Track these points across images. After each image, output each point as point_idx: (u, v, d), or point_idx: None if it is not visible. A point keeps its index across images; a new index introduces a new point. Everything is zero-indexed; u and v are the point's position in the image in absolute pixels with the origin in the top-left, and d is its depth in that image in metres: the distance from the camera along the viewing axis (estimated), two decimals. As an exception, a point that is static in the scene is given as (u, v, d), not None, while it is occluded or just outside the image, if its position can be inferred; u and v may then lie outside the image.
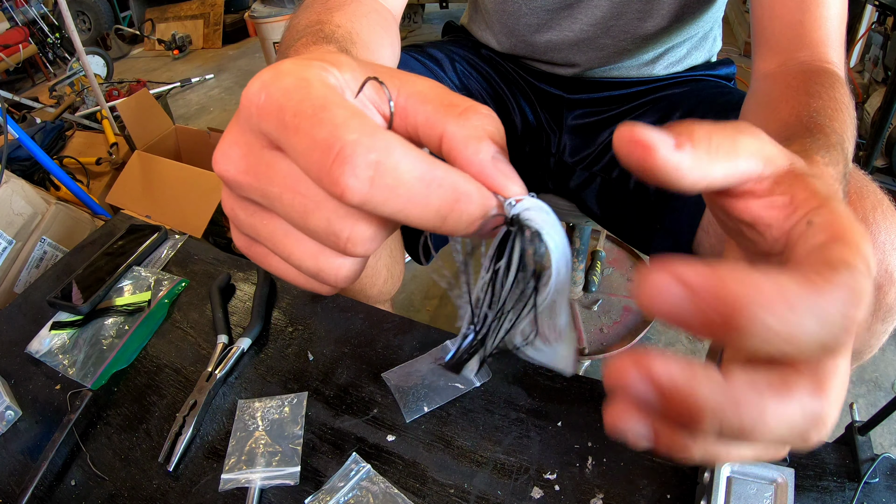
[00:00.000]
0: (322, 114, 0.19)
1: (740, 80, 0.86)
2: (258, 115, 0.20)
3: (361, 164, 0.18)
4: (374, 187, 0.18)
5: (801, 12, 0.49)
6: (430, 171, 0.19)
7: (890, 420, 0.51)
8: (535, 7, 0.71)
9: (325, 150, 0.18)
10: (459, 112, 0.22)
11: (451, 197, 0.20)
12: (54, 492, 0.52)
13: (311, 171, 0.19)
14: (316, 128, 0.19)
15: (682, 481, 0.49)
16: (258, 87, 0.21)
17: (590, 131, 0.80)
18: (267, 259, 0.25)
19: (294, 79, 0.20)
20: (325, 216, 0.20)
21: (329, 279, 0.23)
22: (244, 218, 0.23)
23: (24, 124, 1.98)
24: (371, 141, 0.18)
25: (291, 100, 0.20)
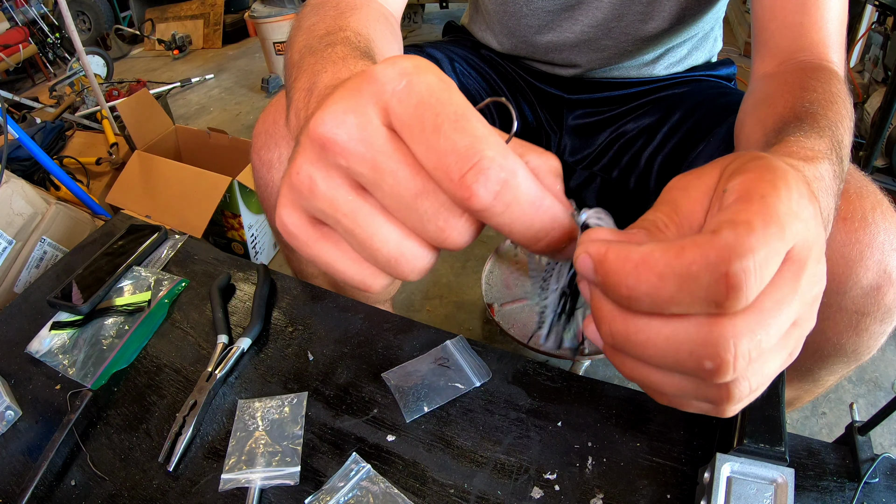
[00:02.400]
0: (464, 122, 0.21)
1: (740, 80, 0.86)
2: (394, 97, 0.21)
3: (493, 178, 0.20)
4: (496, 200, 0.21)
5: (801, 14, 0.49)
6: (541, 198, 0.22)
7: (890, 420, 0.51)
8: (535, 8, 0.71)
9: (463, 157, 0.20)
10: (539, 151, 0.25)
11: (549, 224, 0.23)
12: (54, 492, 0.52)
13: (438, 170, 0.21)
14: (458, 134, 0.20)
15: (682, 481, 0.49)
16: (398, 72, 0.21)
17: (590, 131, 0.80)
18: (317, 244, 0.25)
19: (437, 78, 0.22)
20: (437, 202, 0.22)
21: (404, 269, 0.24)
22: (324, 189, 0.23)
23: (24, 124, 1.97)
24: (504, 161, 0.21)
25: (436, 99, 0.21)
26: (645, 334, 0.21)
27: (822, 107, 0.38)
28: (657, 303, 0.20)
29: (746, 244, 0.18)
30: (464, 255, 1.56)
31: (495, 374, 0.59)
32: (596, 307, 0.22)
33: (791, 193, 0.20)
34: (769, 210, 0.19)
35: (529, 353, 1.14)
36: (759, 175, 0.21)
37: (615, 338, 0.22)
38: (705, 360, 0.20)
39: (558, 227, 0.23)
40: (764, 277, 0.19)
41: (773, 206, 0.19)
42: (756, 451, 0.44)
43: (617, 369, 0.24)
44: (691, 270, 0.19)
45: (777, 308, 0.20)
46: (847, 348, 0.53)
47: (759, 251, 0.18)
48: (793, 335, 0.22)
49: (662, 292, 0.19)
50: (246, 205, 1.46)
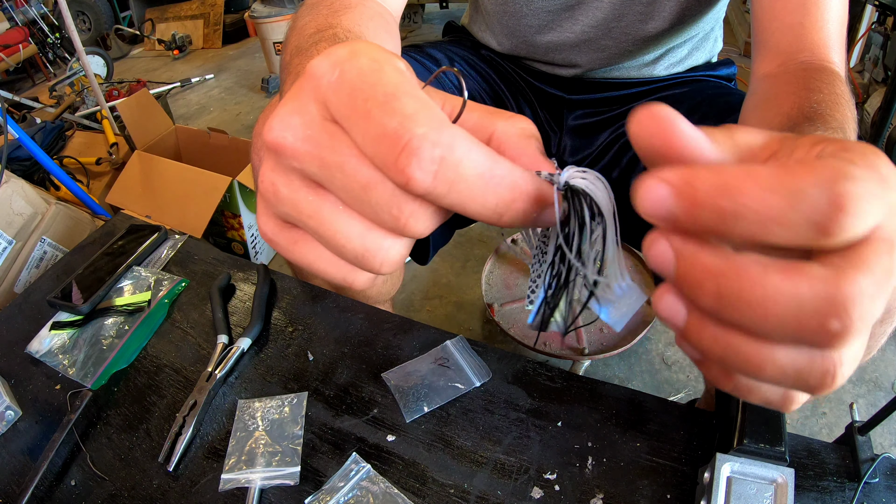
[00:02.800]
0: (393, 102, 0.20)
1: (741, 80, 0.86)
2: (328, 90, 0.21)
3: (427, 157, 0.19)
4: (437, 180, 0.19)
5: (801, 14, 0.49)
6: (490, 169, 0.20)
7: (890, 420, 0.51)
8: (536, 8, 0.71)
9: (393, 139, 0.19)
10: (507, 116, 0.24)
11: (508, 195, 0.21)
12: (54, 492, 0.52)
13: (376, 158, 0.20)
14: (386, 116, 0.19)
15: (682, 481, 0.49)
16: (331, 62, 0.21)
17: (590, 131, 0.80)
18: (297, 246, 0.24)
19: (368, 60, 0.21)
20: (388, 190, 0.21)
21: (374, 263, 0.23)
22: (286, 193, 0.23)
23: (24, 124, 1.98)
24: (437, 135, 0.19)
25: (364, 82, 0.20)
26: (764, 289, 0.18)
27: (829, 108, 0.38)
28: (764, 222, 0.17)
29: (854, 172, 0.17)
30: (464, 255, 1.56)
31: (495, 374, 0.59)
32: (694, 266, 0.19)
33: (887, 164, 0.19)
34: (871, 161, 0.18)
35: (529, 353, 1.14)
36: (855, 143, 0.19)
37: (724, 298, 0.18)
38: (832, 319, 0.17)
39: (520, 195, 0.21)
40: (867, 215, 0.17)
41: (874, 161, 0.18)
42: (756, 451, 0.44)
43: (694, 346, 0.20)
44: (800, 185, 0.17)
45: (885, 277, 0.18)
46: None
47: (866, 183, 0.17)
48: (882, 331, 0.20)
49: (771, 207, 0.17)
50: (246, 205, 1.46)
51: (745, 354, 0.19)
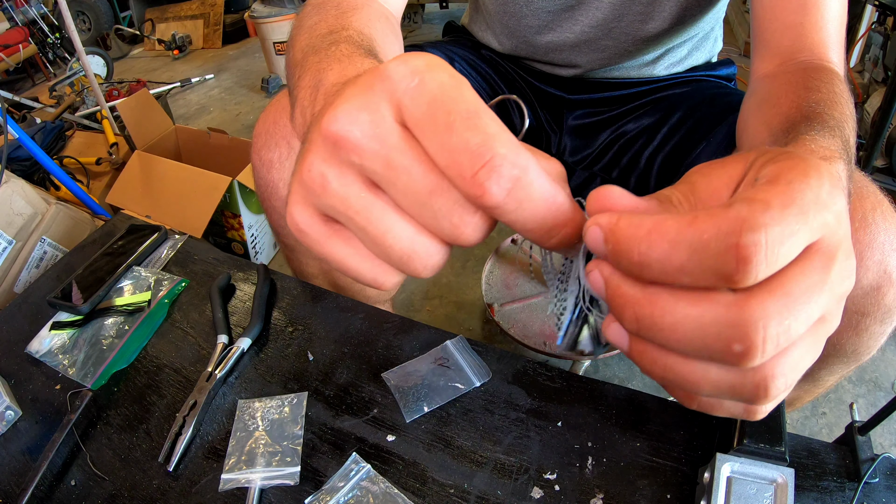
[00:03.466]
0: (476, 120, 0.21)
1: (740, 80, 0.86)
2: (406, 95, 0.21)
3: (506, 176, 0.21)
4: (509, 197, 0.21)
5: (801, 14, 0.49)
6: (553, 194, 0.22)
7: (890, 420, 0.51)
8: (536, 8, 0.71)
9: (476, 155, 0.20)
10: (542, 157, 0.25)
11: (561, 221, 0.23)
12: (54, 492, 0.52)
13: (451, 168, 0.21)
14: (470, 132, 0.20)
15: (682, 481, 0.49)
16: (409, 70, 0.21)
17: (590, 131, 0.80)
18: (328, 241, 0.25)
19: (449, 76, 0.22)
20: (451, 199, 0.22)
21: (417, 266, 0.23)
22: (337, 186, 0.23)
23: (24, 124, 1.97)
24: (516, 158, 0.21)
25: (447, 96, 0.21)
26: (672, 316, 0.20)
27: (828, 107, 0.38)
28: (668, 271, 0.19)
29: (760, 219, 0.18)
30: (464, 255, 1.56)
31: (495, 374, 0.59)
32: (616, 294, 0.22)
33: (822, 184, 0.20)
34: (792, 194, 0.19)
35: (529, 353, 1.14)
36: (791, 164, 0.20)
37: (640, 322, 0.21)
38: (734, 343, 0.19)
39: (570, 222, 0.23)
40: (777, 256, 0.18)
41: (797, 191, 0.19)
42: (756, 451, 0.44)
43: (642, 368, 0.23)
44: (702, 239, 0.18)
45: (806, 296, 0.19)
46: (847, 348, 0.53)
47: (773, 228, 0.18)
48: (820, 330, 0.21)
49: (674, 259, 0.19)
50: (246, 205, 1.46)
51: (680, 373, 0.22)
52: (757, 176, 0.21)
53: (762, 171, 0.21)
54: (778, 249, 0.18)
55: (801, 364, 0.21)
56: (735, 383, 0.21)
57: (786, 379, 0.21)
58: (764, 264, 0.18)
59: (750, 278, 0.18)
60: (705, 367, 0.21)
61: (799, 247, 0.19)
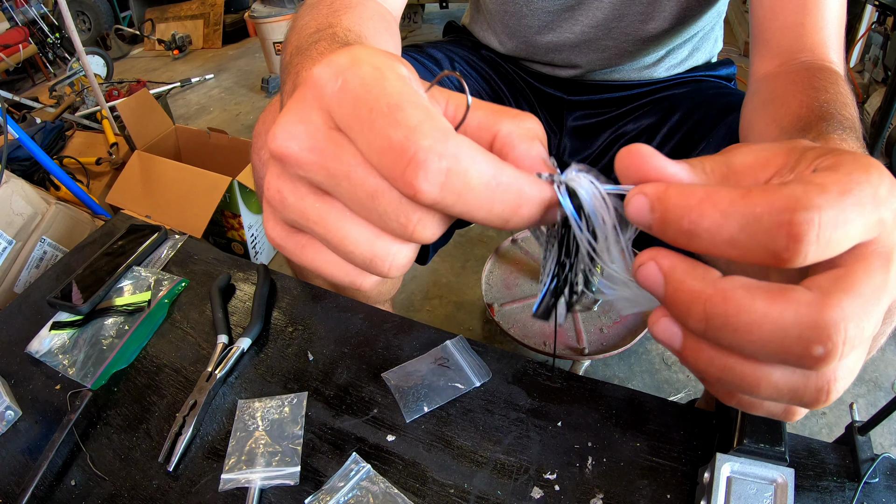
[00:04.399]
0: (397, 113, 0.20)
1: (740, 80, 0.86)
2: (331, 99, 0.21)
3: (433, 170, 0.19)
4: (444, 191, 0.20)
5: (801, 15, 0.49)
6: (495, 177, 0.20)
7: (890, 420, 0.51)
8: (536, 8, 0.71)
9: (399, 152, 0.19)
10: (513, 115, 0.24)
11: (514, 202, 0.21)
12: (54, 492, 0.52)
13: (382, 168, 0.20)
14: (391, 128, 0.19)
15: (682, 481, 0.49)
16: (333, 71, 0.21)
17: (590, 132, 0.80)
18: (304, 251, 0.25)
19: (370, 68, 0.21)
20: (395, 198, 0.21)
21: (382, 267, 0.23)
22: (293, 200, 0.23)
23: (24, 124, 1.97)
24: (443, 147, 0.19)
25: (368, 92, 0.20)
26: (749, 315, 0.18)
27: (838, 107, 0.38)
28: (717, 242, 0.19)
29: (815, 200, 0.17)
30: (464, 255, 1.56)
31: (495, 374, 0.59)
32: (681, 290, 0.20)
33: (883, 181, 0.19)
34: (851, 184, 0.18)
35: (529, 353, 1.14)
36: (853, 158, 0.20)
37: (710, 321, 0.19)
38: (815, 345, 0.18)
39: (526, 200, 0.21)
40: (829, 240, 0.18)
41: (856, 182, 0.18)
42: (756, 451, 0.44)
43: (692, 368, 0.21)
44: (755, 212, 0.18)
45: (875, 297, 0.18)
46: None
47: (827, 211, 0.17)
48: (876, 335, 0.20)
49: (724, 231, 0.18)
50: (246, 205, 1.46)
51: (740, 375, 0.20)
52: (815, 167, 0.20)
53: (820, 160, 0.20)
54: (830, 233, 0.18)
55: (857, 367, 0.20)
56: (798, 386, 0.20)
57: (845, 382, 0.20)
58: (815, 245, 0.17)
59: (799, 258, 0.18)
60: (770, 370, 0.20)
61: (853, 238, 0.18)
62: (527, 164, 0.23)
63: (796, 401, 0.20)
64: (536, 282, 1.30)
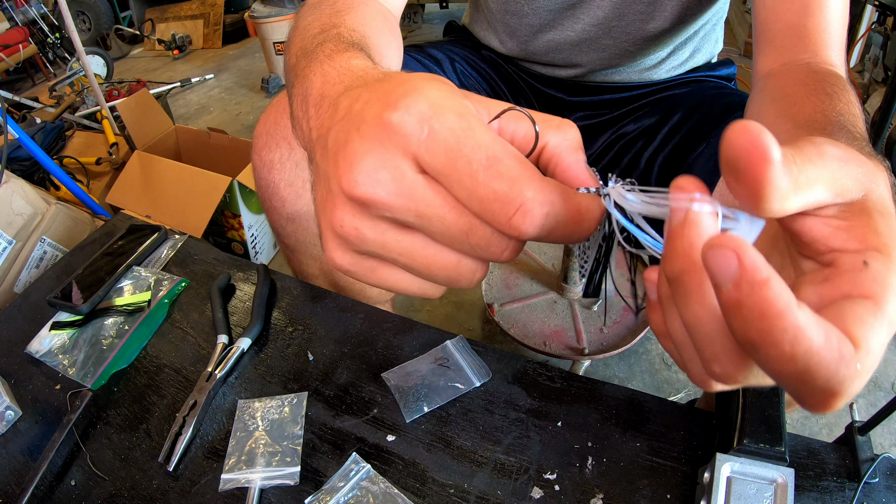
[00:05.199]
0: (497, 166, 0.22)
1: (740, 80, 0.86)
2: (420, 148, 0.22)
3: (538, 216, 0.22)
4: (542, 230, 0.22)
5: (803, 16, 0.49)
6: (577, 208, 0.23)
7: (890, 420, 0.51)
8: (537, 7, 0.71)
9: (506, 203, 0.22)
10: (557, 125, 0.26)
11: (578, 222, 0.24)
12: (54, 492, 0.52)
13: (485, 215, 0.22)
14: (496, 181, 0.22)
15: (682, 481, 0.49)
16: (417, 119, 0.22)
17: (590, 133, 0.80)
18: (374, 273, 0.26)
19: (455, 117, 0.22)
20: (487, 233, 0.23)
21: (465, 282, 0.25)
22: (373, 236, 0.24)
23: (24, 124, 1.97)
24: (543, 196, 0.22)
25: (462, 144, 0.22)
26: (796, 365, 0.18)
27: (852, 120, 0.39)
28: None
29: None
30: (464, 255, 1.56)
31: (495, 374, 0.59)
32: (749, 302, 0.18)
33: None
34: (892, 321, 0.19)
35: (529, 353, 1.14)
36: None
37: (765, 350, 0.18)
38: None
39: (586, 217, 0.24)
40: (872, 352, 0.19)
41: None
42: (756, 451, 0.44)
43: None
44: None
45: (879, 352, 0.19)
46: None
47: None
48: None
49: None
50: (246, 205, 1.46)
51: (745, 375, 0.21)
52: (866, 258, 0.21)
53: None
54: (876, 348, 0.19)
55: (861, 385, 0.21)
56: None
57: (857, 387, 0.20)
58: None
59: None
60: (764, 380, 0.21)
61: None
62: (574, 173, 0.26)
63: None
64: (536, 282, 1.30)
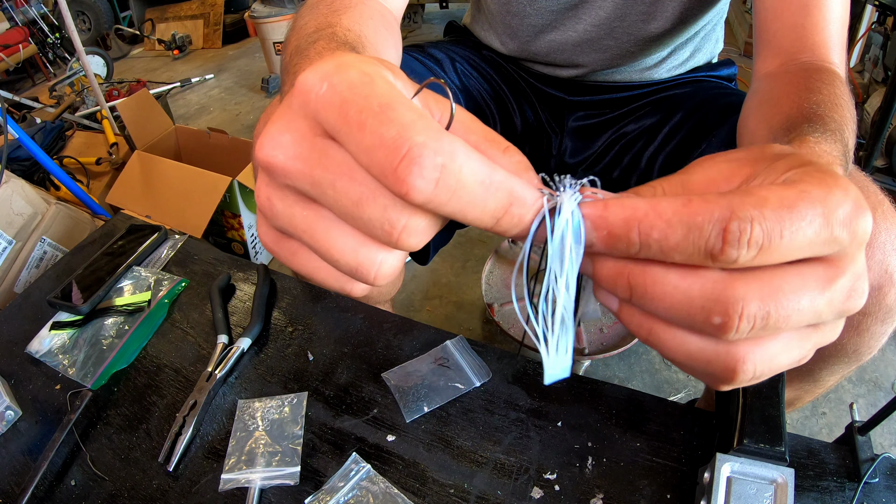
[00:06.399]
0: (389, 112, 0.19)
1: (741, 80, 0.86)
2: (318, 104, 0.21)
3: (429, 165, 0.19)
4: (438, 188, 0.19)
5: (803, 15, 0.49)
6: (490, 175, 0.20)
7: (890, 420, 0.51)
8: (539, 7, 0.71)
9: (392, 149, 0.19)
10: (503, 148, 0.24)
11: (506, 200, 0.21)
12: (54, 492, 0.52)
13: (373, 167, 0.20)
14: (383, 126, 0.19)
15: (682, 481, 0.49)
16: (319, 76, 0.21)
17: (591, 133, 0.80)
18: (295, 257, 0.25)
19: (358, 72, 0.21)
20: (382, 204, 0.21)
21: (368, 275, 0.23)
22: (281, 208, 0.23)
23: (24, 124, 1.97)
24: (438, 144, 0.19)
25: (357, 94, 0.20)
26: (662, 287, 0.21)
27: (828, 109, 0.38)
28: (664, 249, 0.20)
29: (750, 211, 0.19)
30: (464, 255, 1.56)
31: (495, 374, 0.59)
32: (608, 266, 0.22)
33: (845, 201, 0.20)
34: (801, 199, 0.19)
35: (529, 353, 1.14)
36: (820, 174, 0.20)
37: (633, 290, 0.22)
38: (714, 315, 0.20)
39: (517, 200, 0.21)
40: (765, 250, 0.19)
41: (809, 198, 0.19)
42: (756, 451, 0.44)
43: (630, 328, 0.24)
44: (696, 220, 0.19)
45: (796, 294, 0.20)
46: (848, 348, 0.53)
47: (763, 222, 0.19)
48: (810, 337, 0.22)
49: (671, 238, 0.20)
50: (246, 205, 1.46)
51: (662, 338, 0.23)
52: (785, 178, 0.21)
53: (791, 173, 0.21)
54: (765, 243, 0.19)
55: (777, 359, 0.22)
56: (710, 358, 0.22)
57: (755, 367, 0.22)
58: (745, 250, 0.19)
59: (729, 261, 0.19)
60: (685, 336, 0.22)
61: (796, 251, 0.20)
62: None
63: (709, 372, 0.23)
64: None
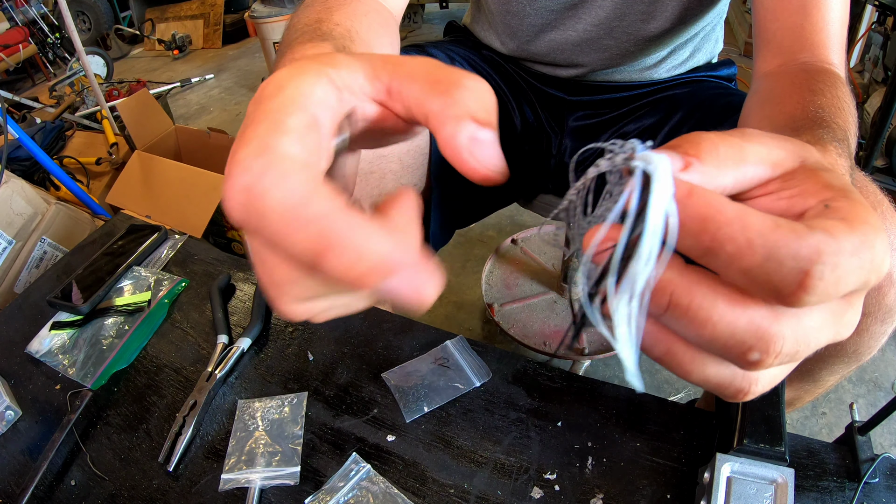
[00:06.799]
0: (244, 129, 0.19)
1: (741, 80, 0.86)
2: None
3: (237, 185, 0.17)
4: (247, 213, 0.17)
5: (802, 16, 0.49)
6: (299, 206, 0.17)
7: (890, 420, 0.51)
8: (539, 7, 0.71)
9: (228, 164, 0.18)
10: (442, 90, 0.20)
11: (316, 241, 0.17)
12: (54, 492, 0.52)
13: None
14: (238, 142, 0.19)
15: (682, 481, 0.49)
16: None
17: (591, 133, 0.80)
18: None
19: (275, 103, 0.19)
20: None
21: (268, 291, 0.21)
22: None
23: (24, 124, 1.97)
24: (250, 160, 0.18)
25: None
26: (706, 313, 0.19)
27: (832, 113, 0.38)
28: (730, 267, 0.18)
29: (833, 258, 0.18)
30: (464, 255, 1.56)
31: (495, 374, 0.59)
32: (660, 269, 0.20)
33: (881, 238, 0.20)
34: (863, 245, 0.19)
35: (529, 353, 1.14)
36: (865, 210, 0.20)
37: (672, 309, 0.19)
38: (754, 352, 0.19)
39: (337, 246, 0.16)
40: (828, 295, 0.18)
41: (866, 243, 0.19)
42: (756, 451, 0.44)
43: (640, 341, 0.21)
44: (780, 253, 0.18)
45: (819, 332, 0.20)
46: (848, 348, 0.53)
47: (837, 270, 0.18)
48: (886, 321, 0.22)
49: (746, 260, 0.18)
50: (246, 205, 1.46)
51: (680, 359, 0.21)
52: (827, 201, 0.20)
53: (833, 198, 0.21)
54: (833, 289, 0.18)
55: (780, 377, 0.22)
56: (723, 381, 0.22)
57: (764, 388, 0.22)
58: (816, 297, 0.18)
59: (800, 306, 0.18)
60: (706, 361, 0.21)
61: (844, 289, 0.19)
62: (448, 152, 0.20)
63: (718, 390, 0.22)
64: (536, 282, 1.30)
